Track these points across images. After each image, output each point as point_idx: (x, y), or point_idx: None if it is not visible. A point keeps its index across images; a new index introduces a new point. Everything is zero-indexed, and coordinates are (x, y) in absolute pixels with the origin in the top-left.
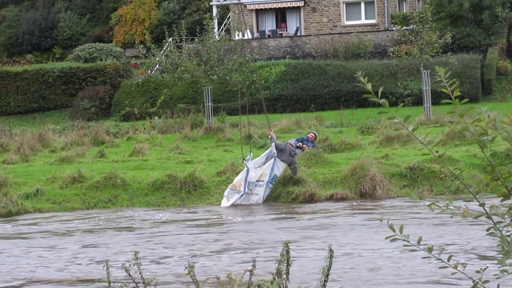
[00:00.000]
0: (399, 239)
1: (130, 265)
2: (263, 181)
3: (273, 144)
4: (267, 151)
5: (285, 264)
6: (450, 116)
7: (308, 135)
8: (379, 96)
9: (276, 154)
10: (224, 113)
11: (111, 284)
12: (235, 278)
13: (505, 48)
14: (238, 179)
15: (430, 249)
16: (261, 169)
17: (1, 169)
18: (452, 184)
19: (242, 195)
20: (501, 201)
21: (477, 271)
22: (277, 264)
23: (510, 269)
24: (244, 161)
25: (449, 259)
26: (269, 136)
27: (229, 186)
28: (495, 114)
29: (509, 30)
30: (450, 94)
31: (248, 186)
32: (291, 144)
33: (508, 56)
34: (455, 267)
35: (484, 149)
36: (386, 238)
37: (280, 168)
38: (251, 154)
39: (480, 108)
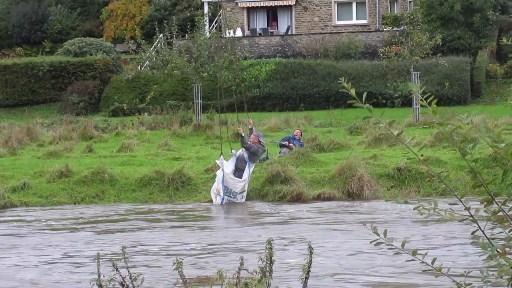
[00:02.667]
0: (383, 243)
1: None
2: (245, 190)
3: (244, 151)
4: (236, 158)
5: (268, 262)
6: (435, 124)
7: (294, 133)
8: (363, 100)
9: (249, 159)
10: (213, 110)
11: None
12: (225, 275)
13: (495, 51)
14: (217, 183)
15: (414, 252)
16: (243, 181)
17: None
18: (439, 186)
19: (223, 198)
20: (484, 206)
21: (462, 274)
22: (260, 262)
23: (492, 279)
24: (221, 156)
25: (433, 262)
26: (249, 127)
27: (213, 187)
28: (482, 117)
29: (499, 33)
30: (428, 106)
31: (227, 193)
32: (259, 141)
33: (498, 59)
34: (439, 270)
35: (465, 156)
36: (370, 243)
37: (253, 165)
38: (233, 150)
39: (460, 116)
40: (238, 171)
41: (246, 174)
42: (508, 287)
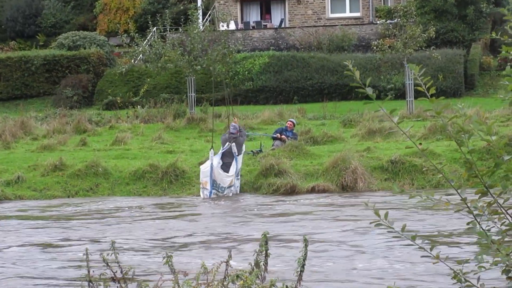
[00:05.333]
0: (384, 225)
1: (108, 254)
2: (233, 185)
3: (233, 144)
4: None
5: (264, 255)
6: (430, 113)
7: (287, 125)
8: (367, 85)
9: (237, 154)
10: (207, 103)
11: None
12: (211, 269)
13: (488, 44)
14: (203, 176)
15: (414, 237)
16: (231, 176)
17: None
18: (433, 178)
19: (210, 192)
20: (479, 198)
21: (458, 262)
22: (255, 255)
23: (487, 265)
24: (211, 150)
25: (431, 249)
26: (234, 126)
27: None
28: (475, 110)
29: (493, 25)
30: (426, 92)
31: (215, 187)
32: (234, 133)
33: (492, 52)
34: (437, 257)
35: (461, 146)
36: (371, 223)
37: (240, 159)
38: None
39: (457, 105)
40: (225, 166)
41: (233, 169)
42: (503, 275)
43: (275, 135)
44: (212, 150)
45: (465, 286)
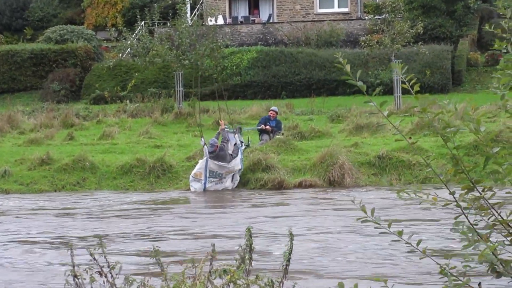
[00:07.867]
0: (370, 221)
1: (95, 248)
2: (234, 173)
3: (237, 135)
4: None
5: (248, 250)
6: (417, 109)
7: (269, 114)
8: (357, 79)
9: (241, 146)
10: (195, 98)
11: (75, 267)
12: (199, 260)
13: (476, 40)
14: (198, 167)
15: (400, 233)
16: (228, 165)
17: None
18: (420, 174)
19: (204, 183)
20: (465, 193)
21: (445, 256)
22: (240, 249)
23: (472, 264)
24: (203, 142)
25: (418, 243)
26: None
27: (191, 173)
28: (463, 106)
29: (480, 21)
30: (410, 89)
31: (212, 175)
32: (212, 151)
33: (479, 48)
34: (424, 251)
35: (447, 142)
36: (357, 220)
37: (241, 150)
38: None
39: (442, 101)
40: (219, 158)
41: (236, 161)
42: (488, 273)
43: (260, 127)
44: (205, 146)
45: (452, 280)
